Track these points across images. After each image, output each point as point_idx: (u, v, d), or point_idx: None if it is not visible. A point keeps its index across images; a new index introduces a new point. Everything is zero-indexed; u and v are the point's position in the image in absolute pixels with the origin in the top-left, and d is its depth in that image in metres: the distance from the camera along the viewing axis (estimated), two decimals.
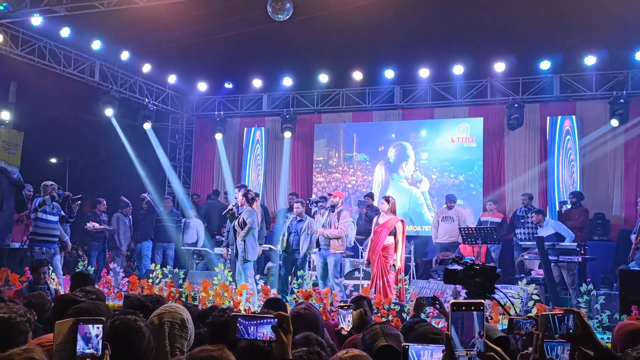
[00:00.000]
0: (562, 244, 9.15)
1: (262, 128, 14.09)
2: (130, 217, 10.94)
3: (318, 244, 8.48)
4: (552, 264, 8.88)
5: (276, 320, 1.90)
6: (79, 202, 8.60)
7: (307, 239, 8.88)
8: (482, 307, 1.41)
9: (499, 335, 2.33)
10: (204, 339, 2.75)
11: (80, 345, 1.78)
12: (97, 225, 10.40)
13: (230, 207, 8.54)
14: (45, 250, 8.00)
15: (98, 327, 1.82)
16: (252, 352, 2.05)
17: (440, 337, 2.63)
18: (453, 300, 1.42)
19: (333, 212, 8.40)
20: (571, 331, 1.86)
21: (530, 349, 2.10)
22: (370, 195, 11.29)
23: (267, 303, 3.98)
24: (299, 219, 8.99)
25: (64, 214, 8.24)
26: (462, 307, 1.41)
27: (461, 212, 11.00)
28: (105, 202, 10.93)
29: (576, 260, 8.68)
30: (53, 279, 7.62)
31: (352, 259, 9.76)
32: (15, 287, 7.26)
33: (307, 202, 10.22)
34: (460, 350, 1.40)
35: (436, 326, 4.79)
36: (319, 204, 8.90)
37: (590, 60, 10.99)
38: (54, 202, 8.14)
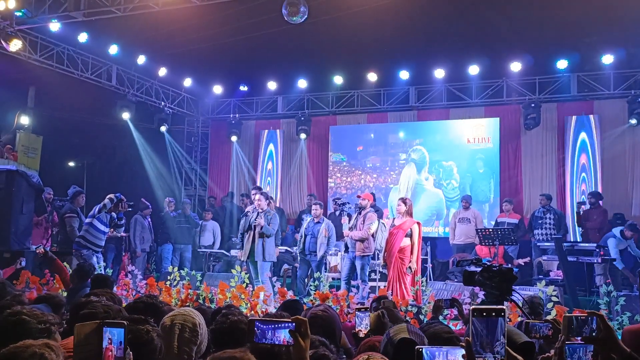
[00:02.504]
0: (581, 244, 9.06)
1: (278, 130, 14.14)
2: (149, 219, 11.00)
3: (347, 247, 8.46)
4: (595, 265, 8.82)
5: (294, 324, 1.89)
6: (130, 209, 8.68)
7: (325, 241, 8.87)
8: (503, 313, 1.41)
9: (524, 340, 2.30)
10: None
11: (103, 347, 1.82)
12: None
13: (247, 210, 8.57)
14: (93, 254, 8.07)
15: (120, 331, 1.85)
16: (259, 356, 2.06)
17: (452, 336, 2.62)
18: (474, 306, 1.41)
19: (360, 214, 8.37)
20: (594, 334, 1.85)
21: (552, 351, 2.08)
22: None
23: (284, 305, 3.99)
24: (316, 220, 8.97)
25: (114, 216, 8.28)
26: (482, 312, 1.40)
27: (478, 213, 10.93)
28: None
29: (595, 261, 8.59)
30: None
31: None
32: (35, 289, 7.36)
33: (334, 202, 10.24)
34: (481, 355, 1.39)
35: (453, 327, 4.75)
36: (347, 206, 8.87)
37: (607, 59, 10.87)
38: (108, 213, 8.18)
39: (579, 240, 10.32)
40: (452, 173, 12.45)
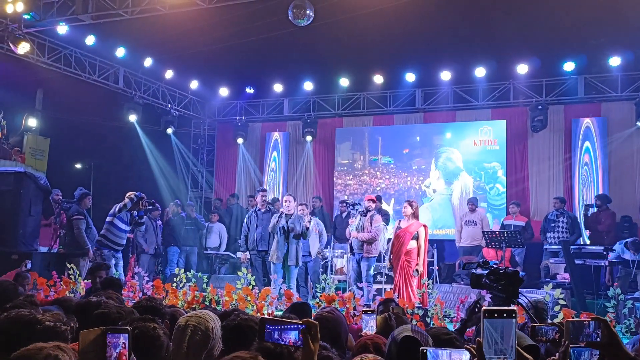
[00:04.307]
0: (588, 247, 9.02)
1: (283, 132, 14.16)
2: (159, 221, 11.01)
3: (352, 248, 8.45)
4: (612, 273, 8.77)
5: (304, 326, 1.90)
6: (150, 207, 8.69)
7: (316, 239, 8.89)
8: (514, 315, 1.41)
9: (529, 343, 2.30)
10: None
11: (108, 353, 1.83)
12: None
13: (281, 211, 8.55)
14: (113, 254, 8.10)
15: (124, 336, 1.86)
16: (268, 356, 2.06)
17: (452, 337, 2.62)
18: (485, 307, 1.41)
19: (365, 215, 8.37)
20: (598, 339, 1.84)
21: (557, 355, 2.08)
22: (378, 198, 11.20)
23: (292, 307, 3.98)
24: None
25: (135, 214, 8.29)
26: (494, 314, 1.41)
27: (484, 215, 10.90)
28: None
29: (603, 264, 8.55)
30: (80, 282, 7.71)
31: (375, 263, 9.73)
32: (43, 291, 7.39)
33: (344, 204, 10.26)
34: (492, 357, 1.39)
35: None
36: (356, 207, 8.88)
37: (615, 61, 10.82)
38: (129, 212, 8.20)
39: (587, 242, 10.27)
40: (497, 175, 12.16)
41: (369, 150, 13.35)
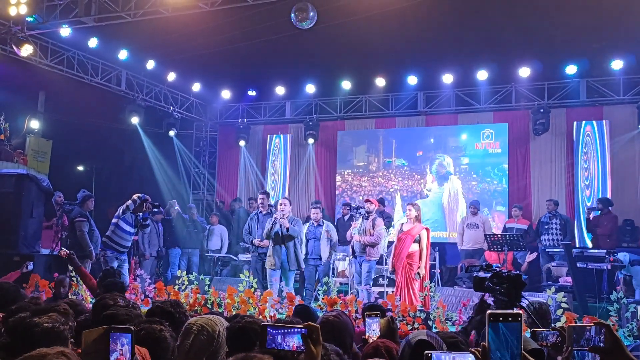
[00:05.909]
0: (591, 250, 9.00)
1: (285, 135, 14.16)
2: (160, 224, 11.02)
3: (354, 251, 8.44)
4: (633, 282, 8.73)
5: (306, 330, 1.89)
6: (155, 209, 8.68)
7: (328, 244, 8.87)
8: (519, 318, 1.40)
9: (533, 347, 2.29)
10: None
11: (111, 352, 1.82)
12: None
13: (275, 216, 8.53)
14: (117, 256, 8.10)
15: (127, 336, 1.85)
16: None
17: (457, 340, 2.62)
18: (490, 311, 1.41)
19: (367, 219, 8.36)
20: (601, 344, 1.83)
21: (559, 358, 2.08)
22: (380, 201, 11.21)
23: (295, 311, 3.97)
24: (316, 224, 9.01)
25: (139, 216, 8.28)
26: (499, 317, 1.40)
27: (486, 218, 10.88)
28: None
29: (605, 267, 8.53)
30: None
31: (376, 266, 9.72)
32: (45, 293, 7.39)
33: (348, 207, 10.26)
34: None
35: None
36: (359, 210, 8.89)
37: (617, 64, 10.82)
38: (132, 214, 8.20)
39: (589, 246, 10.26)
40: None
41: (383, 153, 13.37)
